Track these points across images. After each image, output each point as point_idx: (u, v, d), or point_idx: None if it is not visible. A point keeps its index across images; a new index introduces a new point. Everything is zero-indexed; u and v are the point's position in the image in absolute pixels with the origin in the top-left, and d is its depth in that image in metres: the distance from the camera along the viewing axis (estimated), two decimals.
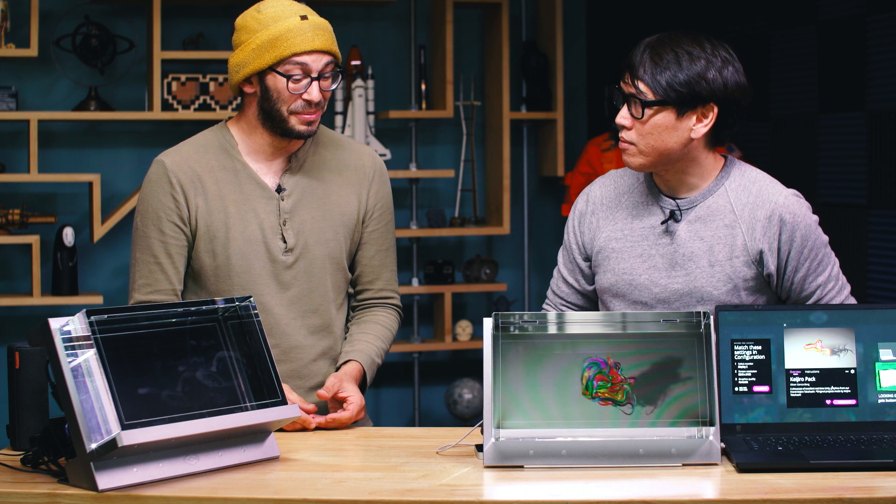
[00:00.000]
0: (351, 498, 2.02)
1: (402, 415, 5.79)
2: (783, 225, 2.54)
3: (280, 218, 2.72)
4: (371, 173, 2.83)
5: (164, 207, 2.69)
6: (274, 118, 2.68)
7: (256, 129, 2.73)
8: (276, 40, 2.63)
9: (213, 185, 2.71)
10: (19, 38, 5.03)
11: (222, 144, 2.75)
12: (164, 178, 2.70)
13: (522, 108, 5.69)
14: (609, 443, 2.18)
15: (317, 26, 2.66)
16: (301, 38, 2.63)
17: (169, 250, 2.70)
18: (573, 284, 2.73)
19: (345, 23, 5.60)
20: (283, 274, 2.72)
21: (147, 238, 2.71)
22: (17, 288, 5.25)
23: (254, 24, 2.66)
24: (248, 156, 2.74)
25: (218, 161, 2.73)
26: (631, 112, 2.52)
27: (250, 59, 2.66)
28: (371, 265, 2.86)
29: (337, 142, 2.84)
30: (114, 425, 2.05)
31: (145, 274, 2.71)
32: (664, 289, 2.58)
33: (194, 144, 2.76)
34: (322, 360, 2.78)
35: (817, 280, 2.56)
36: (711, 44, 2.53)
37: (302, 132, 2.69)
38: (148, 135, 5.35)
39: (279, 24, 2.64)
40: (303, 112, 2.66)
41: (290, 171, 2.75)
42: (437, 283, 5.53)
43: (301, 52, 2.63)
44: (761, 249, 2.54)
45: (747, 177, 2.59)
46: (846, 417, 2.33)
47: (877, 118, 4.30)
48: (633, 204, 2.65)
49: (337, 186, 2.79)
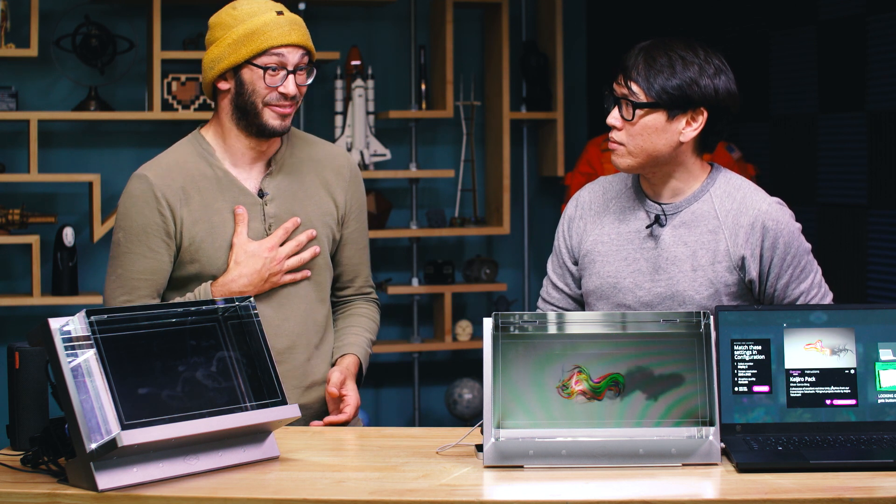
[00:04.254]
0: (351, 498, 2.02)
1: (402, 415, 5.79)
2: (766, 232, 2.56)
3: (265, 223, 2.73)
4: (348, 175, 2.86)
5: (150, 224, 2.68)
6: (249, 113, 2.69)
7: (231, 133, 2.73)
8: (253, 34, 2.65)
9: (197, 195, 2.71)
10: (19, 38, 5.03)
11: (200, 153, 2.75)
12: (150, 194, 2.69)
13: (522, 108, 5.69)
14: (609, 443, 2.18)
15: (293, 21, 2.70)
16: (278, 31, 2.66)
17: (153, 266, 2.69)
18: (563, 289, 2.75)
19: (345, 23, 5.60)
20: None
21: (131, 255, 2.69)
22: (17, 288, 5.25)
23: (229, 21, 2.69)
24: (227, 162, 2.75)
25: (199, 170, 2.73)
26: (621, 113, 2.56)
27: (227, 53, 2.67)
28: (351, 264, 2.89)
29: (308, 140, 2.87)
30: (114, 425, 2.05)
31: (128, 290, 2.70)
32: (648, 292, 2.61)
33: (173, 155, 2.76)
34: (315, 358, 2.78)
35: (800, 287, 2.58)
36: (705, 51, 2.56)
37: (276, 127, 2.70)
38: (148, 135, 5.35)
39: (255, 19, 2.66)
40: (277, 104, 2.68)
41: (271, 175, 2.76)
42: (437, 283, 5.53)
43: (278, 46, 2.66)
44: (743, 255, 2.56)
45: (732, 184, 2.63)
46: (846, 417, 2.33)
47: (877, 118, 4.30)
48: (620, 208, 2.68)
49: (316, 187, 2.80)
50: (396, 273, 5.66)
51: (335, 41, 5.51)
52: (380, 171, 5.46)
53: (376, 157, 5.39)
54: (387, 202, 5.50)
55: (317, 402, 2.79)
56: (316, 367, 2.78)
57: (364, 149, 5.34)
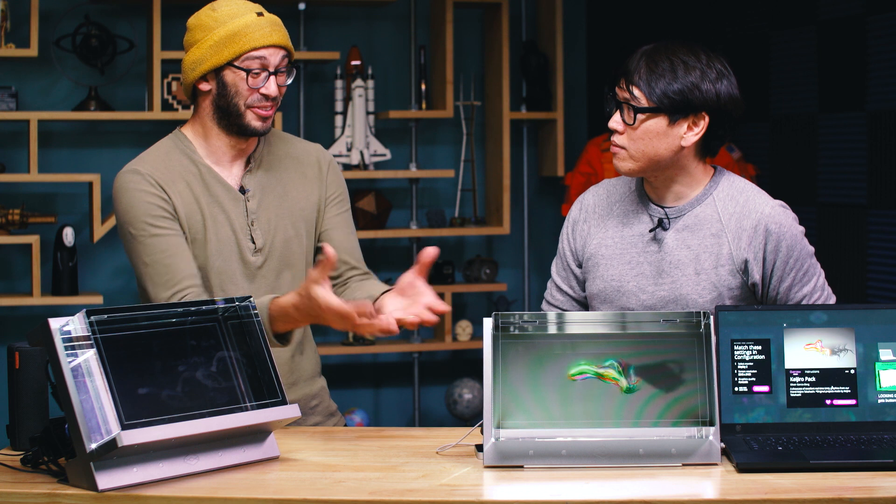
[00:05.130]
0: (351, 498, 2.02)
1: (402, 415, 5.79)
2: (769, 235, 2.56)
3: (248, 219, 2.73)
4: (326, 167, 2.85)
5: (152, 208, 2.66)
6: (231, 114, 2.69)
7: (212, 131, 2.74)
8: (235, 36, 2.65)
9: (186, 188, 2.70)
10: (19, 38, 5.03)
11: (182, 150, 2.75)
12: (144, 182, 2.67)
13: (522, 108, 5.69)
14: (609, 443, 2.18)
15: (273, 22, 2.70)
16: (259, 32, 2.66)
17: (172, 241, 2.65)
18: (567, 291, 2.75)
19: (345, 23, 5.60)
20: (253, 274, 2.73)
21: (145, 241, 2.65)
22: (17, 288, 5.25)
23: (209, 22, 2.68)
24: (208, 159, 2.75)
25: (182, 166, 2.73)
26: (623, 118, 2.55)
27: (208, 55, 2.67)
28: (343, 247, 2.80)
29: (285, 138, 2.87)
30: (114, 425, 2.05)
31: (162, 272, 2.63)
32: (651, 296, 2.61)
33: (156, 153, 2.75)
34: (298, 355, 2.78)
35: (802, 290, 2.58)
36: (707, 55, 2.56)
37: (257, 128, 2.70)
38: (148, 135, 5.35)
39: (236, 21, 2.66)
40: (258, 106, 2.68)
41: (251, 171, 2.77)
42: (437, 283, 5.53)
43: (260, 47, 2.66)
44: (746, 259, 2.56)
45: (735, 187, 2.62)
46: (846, 417, 2.33)
47: (877, 118, 4.30)
48: (624, 212, 2.68)
49: (295, 183, 2.81)
50: (396, 273, 5.66)
51: (335, 41, 5.51)
52: (380, 171, 5.46)
53: (376, 157, 5.39)
54: (387, 202, 5.51)
55: (303, 398, 2.79)
56: (300, 364, 2.78)
57: (364, 149, 5.34)
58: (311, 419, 2.84)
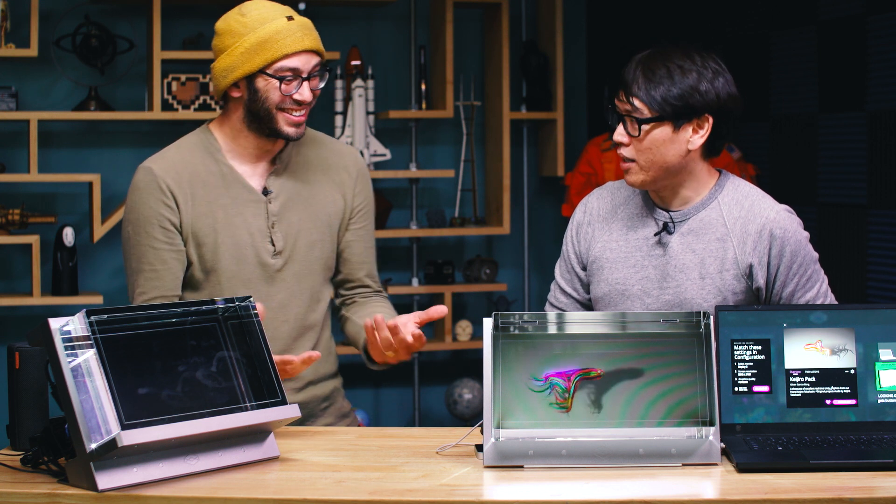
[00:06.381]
0: (351, 498, 2.02)
1: (402, 415, 5.79)
2: (773, 239, 2.56)
3: (268, 221, 2.71)
4: (355, 174, 2.83)
5: (155, 214, 2.66)
6: (262, 119, 2.66)
7: (242, 133, 2.71)
8: (266, 43, 2.61)
9: (202, 190, 2.69)
10: (19, 38, 5.03)
11: (207, 148, 2.72)
12: (154, 185, 2.66)
13: (522, 108, 5.69)
14: (609, 443, 2.18)
15: (304, 26, 2.65)
16: (290, 38, 2.62)
17: (164, 256, 2.66)
18: (571, 294, 2.75)
19: (345, 23, 5.60)
20: (272, 277, 2.71)
21: (140, 247, 2.67)
22: (17, 288, 5.25)
23: (239, 28, 2.64)
24: (233, 159, 2.72)
25: (204, 165, 2.71)
26: (627, 130, 2.55)
27: (239, 63, 2.63)
28: (359, 261, 2.85)
29: (318, 140, 2.83)
30: (114, 425, 2.05)
31: (142, 283, 2.68)
32: (656, 299, 2.60)
33: (179, 149, 2.73)
34: None
35: (806, 296, 2.58)
36: (701, 56, 2.56)
37: (290, 134, 2.67)
38: (148, 135, 5.35)
39: (266, 27, 2.62)
40: (291, 109, 2.65)
41: (276, 172, 2.74)
42: (437, 283, 5.53)
43: (291, 54, 2.62)
44: (751, 263, 2.56)
45: (740, 191, 2.62)
46: (846, 417, 2.33)
47: (877, 118, 4.30)
48: (629, 215, 2.67)
49: (322, 187, 2.78)
50: (396, 273, 5.66)
51: (335, 41, 5.51)
52: (380, 171, 5.46)
53: (376, 157, 5.39)
54: (387, 202, 5.51)
55: (311, 401, 2.79)
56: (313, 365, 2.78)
57: (364, 149, 5.34)
58: (322, 420, 2.83)
